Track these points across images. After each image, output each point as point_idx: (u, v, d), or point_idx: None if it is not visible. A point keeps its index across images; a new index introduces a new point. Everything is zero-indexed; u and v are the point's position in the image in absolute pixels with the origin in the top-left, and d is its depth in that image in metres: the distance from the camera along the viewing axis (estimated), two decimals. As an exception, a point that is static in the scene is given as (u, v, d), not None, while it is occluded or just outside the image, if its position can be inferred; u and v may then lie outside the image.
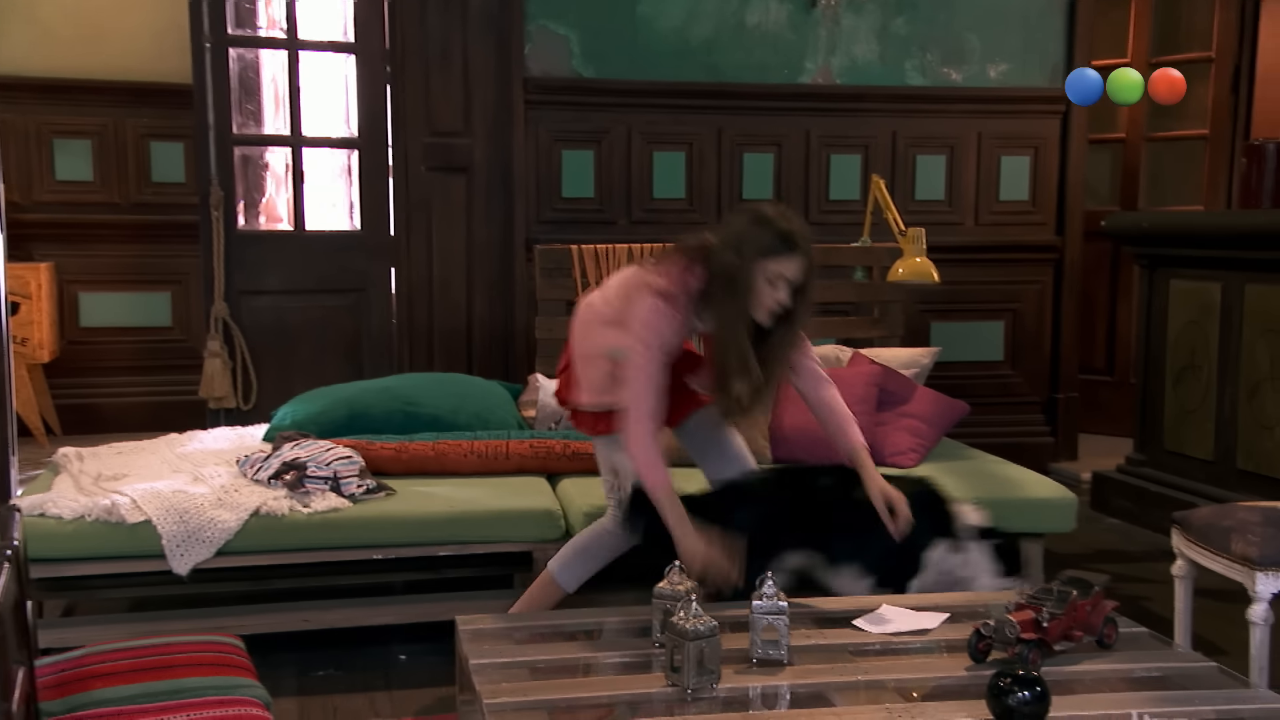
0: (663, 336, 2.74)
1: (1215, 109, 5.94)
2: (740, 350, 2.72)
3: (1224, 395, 4.32)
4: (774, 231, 2.67)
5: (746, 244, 2.68)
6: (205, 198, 4.80)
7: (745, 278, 2.67)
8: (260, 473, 3.27)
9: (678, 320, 2.75)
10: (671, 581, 2.48)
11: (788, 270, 2.68)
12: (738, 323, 2.71)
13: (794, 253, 2.67)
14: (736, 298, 2.68)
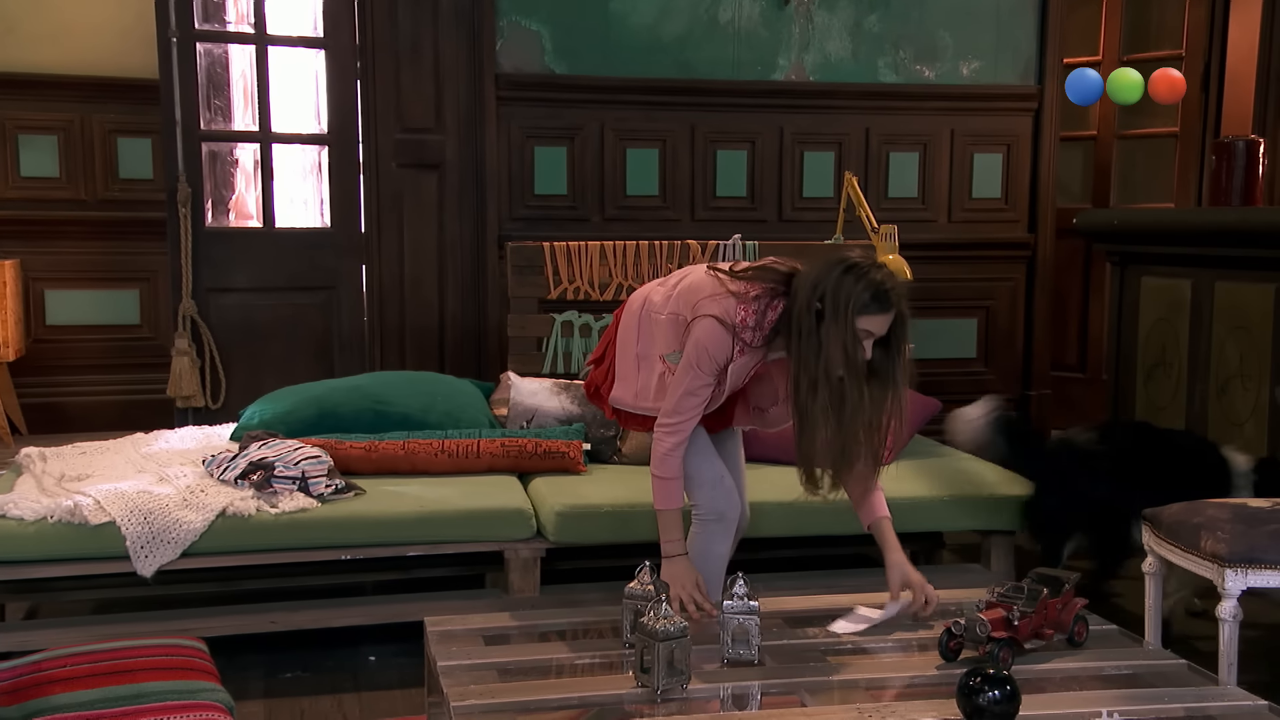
0: (716, 363, 2.63)
1: (1185, 107, 5.98)
2: (855, 404, 2.55)
3: (1194, 392, 4.34)
4: (867, 285, 2.50)
5: (843, 301, 2.49)
6: (172, 194, 4.74)
7: (849, 334, 2.49)
8: (227, 473, 3.24)
9: (738, 351, 2.62)
10: (642, 582, 2.46)
11: (875, 327, 2.54)
12: (843, 379, 2.53)
13: (885, 311, 2.52)
14: (845, 356, 2.50)
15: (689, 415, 2.69)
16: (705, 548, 2.86)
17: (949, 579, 3.57)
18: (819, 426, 2.57)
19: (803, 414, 2.59)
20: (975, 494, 3.57)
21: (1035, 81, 5.52)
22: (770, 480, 3.54)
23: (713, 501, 2.85)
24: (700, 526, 2.87)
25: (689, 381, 2.66)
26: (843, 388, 2.55)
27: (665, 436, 2.70)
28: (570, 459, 3.62)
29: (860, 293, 2.50)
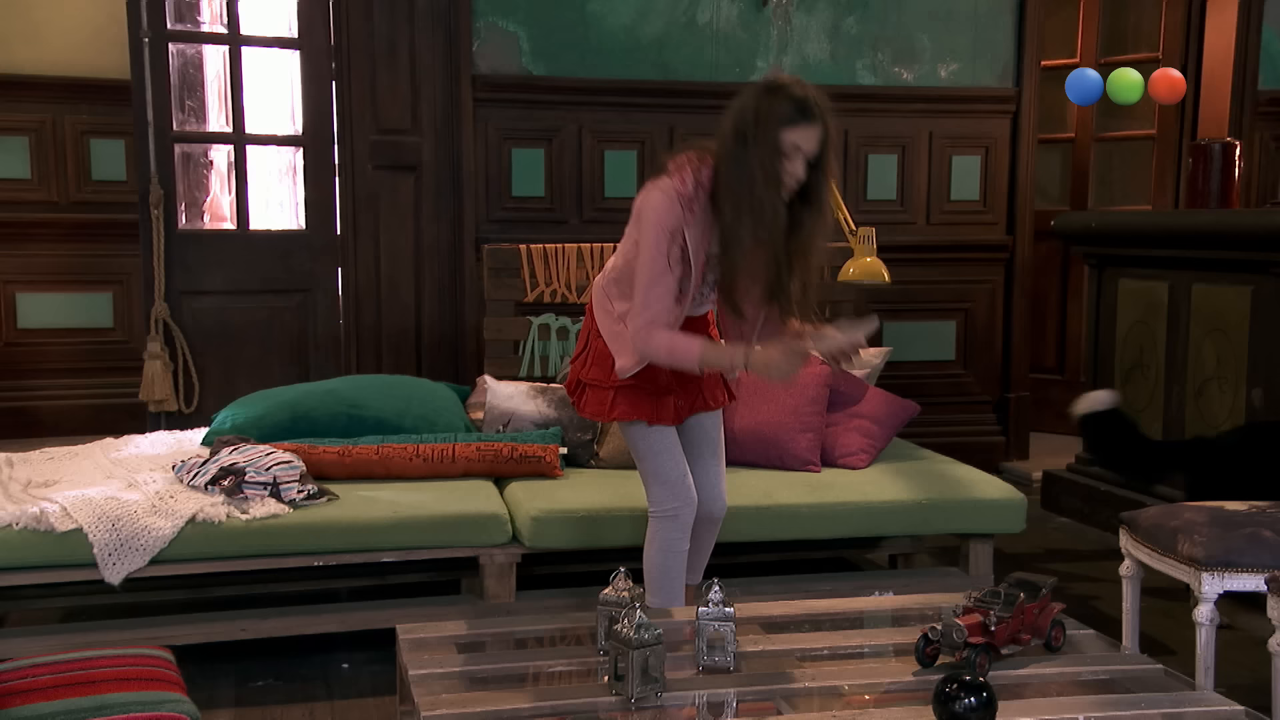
0: (668, 233, 2.56)
1: (1162, 110, 5.99)
2: (773, 220, 2.51)
3: (1171, 394, 4.34)
4: (789, 99, 2.50)
5: (760, 115, 2.49)
6: (144, 196, 4.69)
7: (762, 151, 2.48)
8: (197, 478, 3.19)
9: (691, 216, 2.57)
10: (616, 588, 2.44)
11: (804, 141, 2.51)
12: (765, 198, 2.50)
13: (811, 121, 2.50)
14: (756, 174, 2.48)
15: (661, 305, 2.61)
16: (663, 544, 2.84)
17: (927, 583, 3.59)
18: (746, 250, 2.56)
19: (729, 239, 2.56)
20: (954, 497, 3.56)
21: (1013, 84, 5.53)
22: (748, 484, 3.54)
23: (668, 499, 2.82)
24: (655, 524, 2.86)
25: (650, 268, 2.59)
26: (767, 208, 2.53)
27: (647, 335, 2.62)
28: (546, 463, 3.59)
29: (781, 106, 2.49)
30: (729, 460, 3.71)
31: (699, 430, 2.90)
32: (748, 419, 3.78)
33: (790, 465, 3.70)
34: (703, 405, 2.86)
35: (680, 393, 2.81)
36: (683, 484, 2.83)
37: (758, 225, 2.55)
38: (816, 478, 3.63)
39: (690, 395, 2.83)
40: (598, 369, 2.81)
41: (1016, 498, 3.57)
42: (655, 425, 2.78)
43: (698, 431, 2.90)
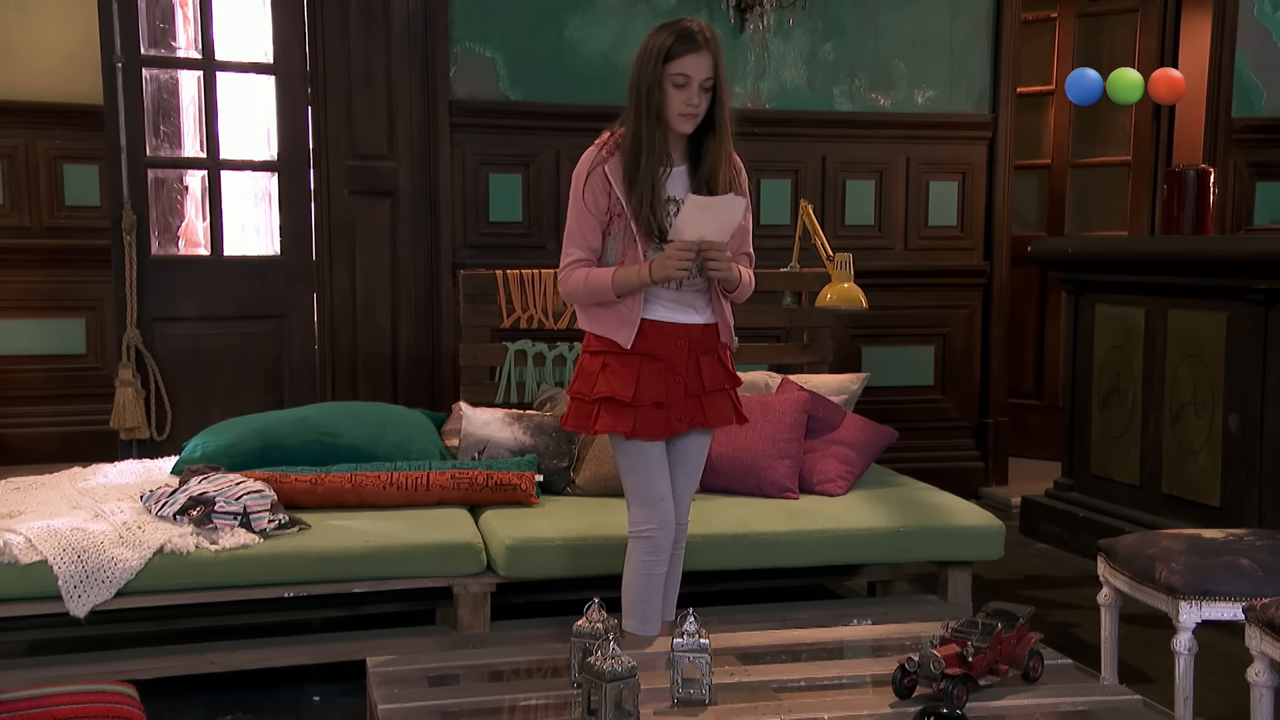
0: (588, 176, 2.72)
1: (1137, 136, 6.03)
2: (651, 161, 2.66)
3: (1149, 420, 4.34)
4: (672, 31, 2.65)
5: (646, 49, 2.67)
6: (117, 221, 4.65)
7: (651, 84, 2.63)
8: (165, 508, 3.14)
9: (614, 162, 2.70)
10: (590, 620, 2.40)
11: (691, 69, 2.63)
12: (653, 131, 2.65)
13: (695, 50, 2.63)
14: (648, 107, 2.64)
15: (578, 247, 2.75)
16: (638, 566, 2.83)
17: (906, 611, 3.56)
18: (644, 181, 2.67)
19: (629, 172, 2.69)
20: (932, 524, 3.54)
21: (989, 110, 5.56)
22: (725, 511, 3.52)
23: (643, 520, 2.82)
24: (631, 544, 2.85)
25: (569, 217, 2.78)
26: (645, 138, 2.66)
27: (567, 277, 2.76)
28: (522, 491, 3.56)
29: (665, 38, 2.65)
30: (705, 487, 3.72)
31: (681, 452, 2.88)
32: (724, 446, 3.75)
33: (768, 492, 3.68)
34: (702, 421, 2.82)
35: (674, 407, 2.77)
36: (660, 506, 2.81)
37: (649, 157, 2.67)
38: (794, 505, 3.61)
39: (689, 411, 2.80)
40: (581, 381, 2.81)
41: (995, 525, 3.55)
42: (637, 440, 2.77)
43: (677, 451, 2.87)
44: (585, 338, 2.85)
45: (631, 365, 2.75)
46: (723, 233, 2.66)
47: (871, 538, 3.48)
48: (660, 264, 2.66)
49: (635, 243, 2.72)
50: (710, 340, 2.83)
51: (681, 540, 2.95)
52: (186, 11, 4.85)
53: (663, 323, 2.77)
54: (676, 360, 2.77)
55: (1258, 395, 3.84)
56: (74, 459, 4.38)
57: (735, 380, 2.88)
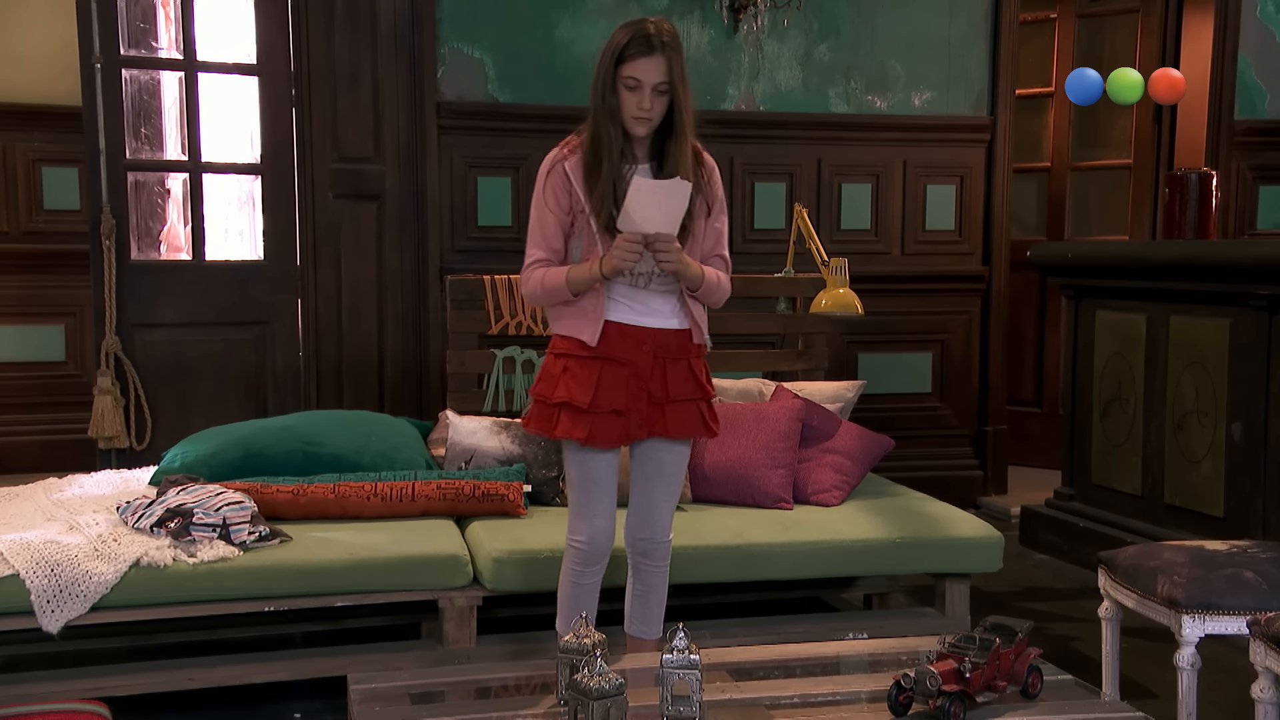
0: (548, 177, 2.72)
1: (1138, 139, 6.03)
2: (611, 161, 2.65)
3: (1150, 429, 4.33)
4: (629, 32, 2.64)
5: (603, 51, 2.67)
6: (96, 225, 4.61)
7: (605, 86, 2.64)
8: (142, 520, 3.11)
9: (575, 161, 2.70)
10: (578, 635, 2.38)
11: (643, 73, 2.62)
12: (611, 132, 2.65)
13: (648, 53, 2.61)
14: (605, 108, 2.64)
15: (539, 247, 2.76)
16: (567, 572, 2.87)
17: (902, 624, 3.54)
18: (602, 182, 2.67)
19: (589, 174, 2.68)
20: (929, 536, 3.52)
21: (988, 112, 5.55)
22: (718, 522, 3.50)
23: (576, 530, 2.84)
24: (566, 551, 2.87)
25: (534, 217, 2.78)
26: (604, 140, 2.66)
27: (527, 277, 2.77)
28: (510, 501, 3.53)
29: (620, 38, 2.64)
30: (698, 497, 3.70)
31: (655, 461, 2.84)
32: (718, 455, 3.73)
33: (761, 503, 3.66)
34: (663, 430, 2.79)
35: (634, 414, 2.75)
36: (593, 523, 2.82)
37: (608, 158, 2.66)
38: (788, 515, 3.59)
39: (650, 419, 2.77)
40: (543, 383, 2.80)
41: (993, 536, 3.53)
42: (588, 450, 2.76)
43: (654, 463, 2.85)
44: (551, 338, 2.85)
45: (592, 370, 2.73)
46: (671, 221, 2.64)
47: (867, 549, 3.46)
48: (609, 256, 2.65)
49: (597, 242, 2.71)
50: (681, 347, 2.80)
51: (664, 557, 2.91)
52: (168, 11, 4.82)
53: (627, 325, 2.75)
54: (640, 365, 2.75)
55: (1261, 403, 3.82)
56: (53, 468, 4.35)
57: (707, 393, 2.85)
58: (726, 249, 2.88)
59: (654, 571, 2.90)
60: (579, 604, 2.86)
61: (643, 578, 2.91)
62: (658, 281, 2.75)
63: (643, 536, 2.87)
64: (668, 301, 2.78)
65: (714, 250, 2.85)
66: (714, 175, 2.82)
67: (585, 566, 2.85)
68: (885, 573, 3.62)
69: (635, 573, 2.92)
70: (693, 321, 2.81)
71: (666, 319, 2.79)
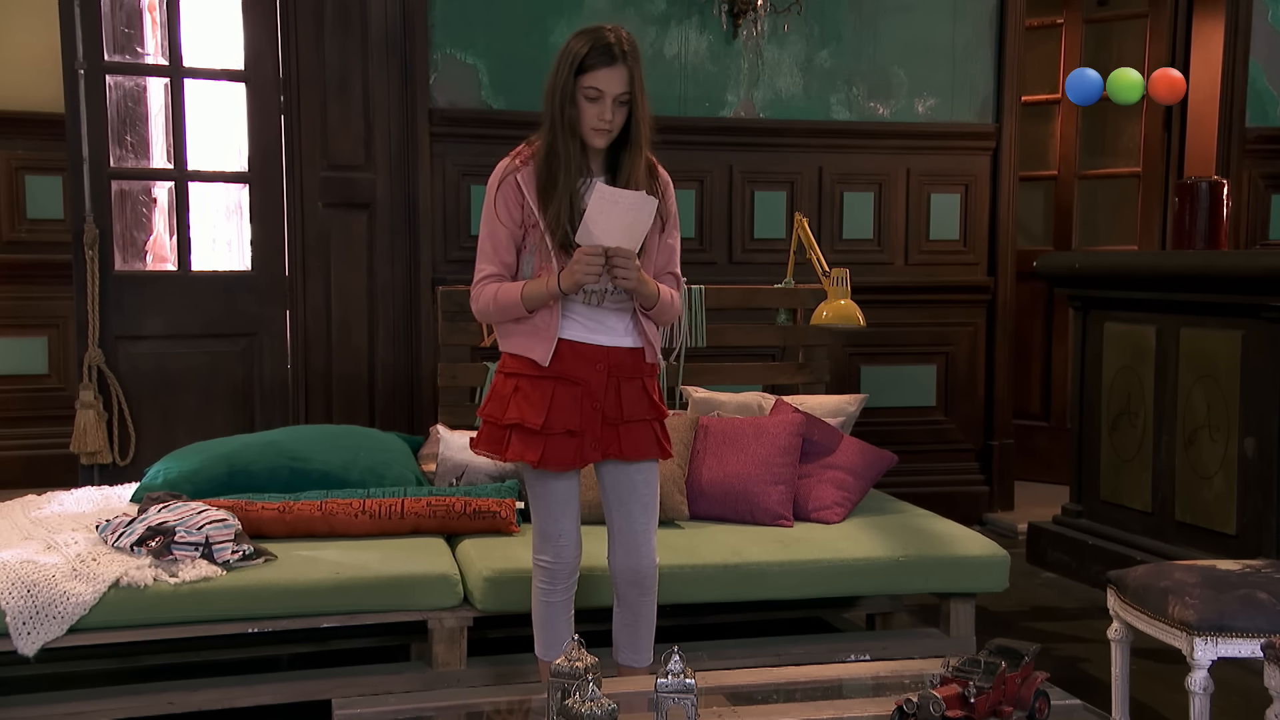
0: (500, 188, 2.68)
1: (1147, 147, 6.01)
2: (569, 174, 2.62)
3: (1160, 444, 4.30)
4: (588, 40, 2.60)
5: (561, 59, 2.63)
6: (78, 235, 4.59)
7: (564, 96, 2.60)
8: (122, 539, 3.08)
9: (528, 172, 2.67)
10: (570, 658, 2.35)
11: (604, 83, 2.59)
12: (569, 144, 2.62)
13: (610, 63, 2.58)
14: (563, 119, 2.60)
15: (490, 262, 2.72)
16: (536, 592, 2.87)
17: (906, 645, 3.51)
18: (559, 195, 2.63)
19: (543, 186, 2.65)
20: (933, 554, 3.49)
21: (993, 119, 5.53)
22: (716, 540, 3.47)
23: (540, 550, 2.84)
24: (535, 574, 2.87)
25: (481, 231, 2.74)
26: (561, 152, 2.63)
27: (478, 294, 2.73)
28: (502, 519, 3.51)
29: (580, 47, 2.60)
30: (695, 514, 3.68)
31: (627, 484, 2.81)
32: (715, 471, 3.70)
33: (760, 520, 3.64)
34: (617, 452, 2.75)
35: (589, 435, 2.73)
36: (558, 543, 2.81)
37: (565, 171, 2.63)
38: (788, 533, 3.56)
39: (605, 440, 2.74)
40: (493, 404, 2.77)
41: (999, 555, 3.50)
42: (543, 471, 2.74)
43: (626, 486, 2.81)
44: (500, 357, 2.81)
45: (545, 390, 2.70)
46: (632, 236, 2.62)
47: (870, 568, 3.43)
48: (567, 271, 2.62)
49: (551, 257, 2.68)
50: (634, 366, 2.77)
51: (653, 584, 2.86)
52: (154, 16, 4.81)
53: (580, 344, 2.72)
54: (594, 385, 2.72)
55: (1275, 417, 3.80)
56: (35, 484, 4.33)
57: (660, 412, 2.82)
58: (679, 266, 2.86)
59: (643, 601, 2.86)
60: (554, 624, 2.86)
61: (630, 607, 2.87)
62: (612, 299, 2.73)
63: (630, 567, 2.83)
64: (621, 319, 2.76)
65: (666, 267, 2.82)
66: (668, 190, 2.80)
67: (554, 584, 2.84)
68: (888, 592, 3.59)
69: (622, 602, 2.88)
70: (646, 340, 2.78)
71: (620, 337, 2.76)
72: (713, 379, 4.33)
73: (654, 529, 2.85)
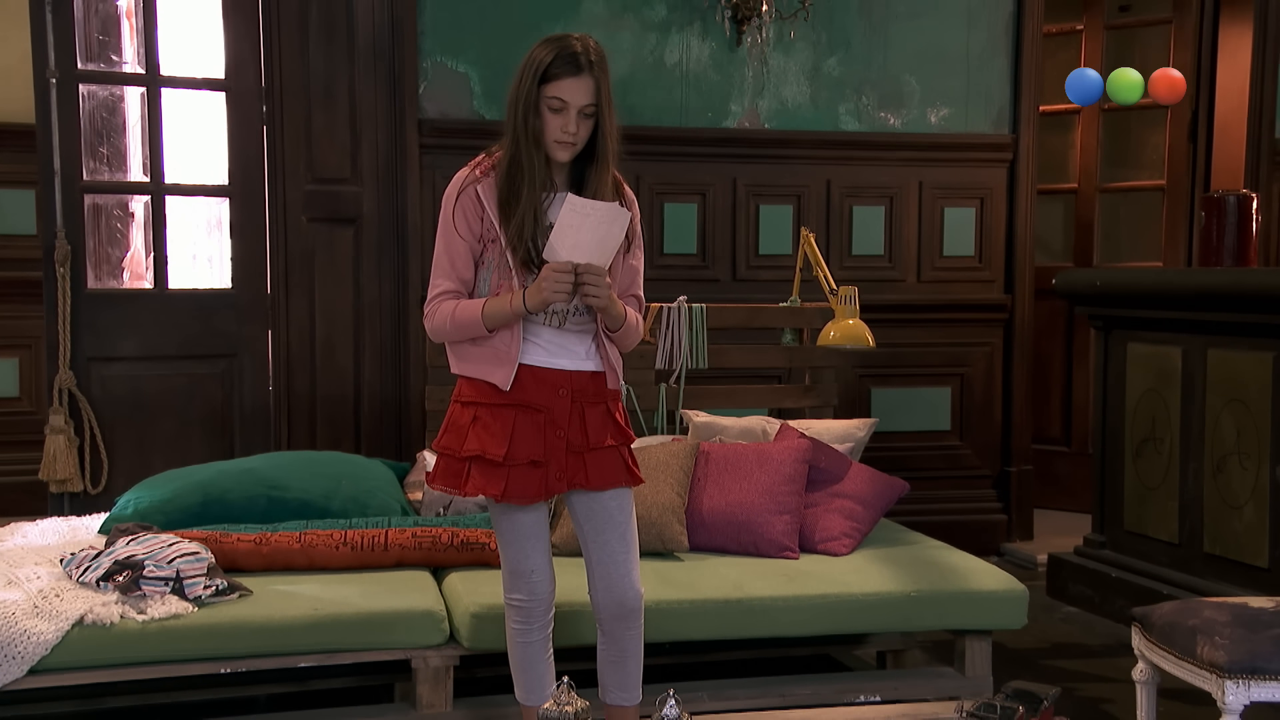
0: (457, 199, 2.65)
1: (1172, 158, 5.98)
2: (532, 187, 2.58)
3: (1187, 471, 4.25)
4: (553, 49, 2.57)
5: (524, 68, 2.60)
6: (49, 252, 4.56)
7: (527, 106, 2.57)
8: (88, 574, 3.04)
9: (488, 184, 2.64)
10: (559, 701, 2.31)
11: (569, 94, 2.56)
12: (533, 156, 2.58)
13: (575, 73, 2.55)
14: (526, 130, 2.57)
15: (446, 278, 2.68)
16: (510, 634, 2.84)
17: (919, 685, 3.47)
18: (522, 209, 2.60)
19: (504, 198, 2.62)
20: (946, 589, 3.44)
21: (1010, 130, 5.51)
22: (716, 573, 3.43)
23: (511, 588, 2.81)
24: (508, 614, 2.84)
25: (440, 244, 2.69)
26: (525, 164, 2.60)
27: (433, 312, 2.68)
28: (491, 550, 3.46)
29: (545, 56, 2.57)
30: (694, 546, 3.64)
31: (602, 513, 2.75)
32: (716, 500, 3.66)
33: (764, 552, 3.59)
34: (584, 482, 2.71)
35: (554, 465, 2.68)
36: (530, 579, 2.78)
37: (529, 185, 2.60)
38: (794, 566, 3.52)
39: (570, 469, 2.70)
40: (450, 435, 2.73)
41: (1017, 590, 3.45)
42: (509, 505, 2.71)
43: (601, 516, 2.75)
44: (456, 384, 2.76)
45: (505, 419, 2.66)
46: (603, 252, 2.58)
47: (880, 603, 3.38)
48: (535, 289, 2.58)
49: (511, 273, 2.64)
50: (598, 390, 2.73)
51: (638, 618, 2.80)
52: (132, 23, 4.79)
53: (541, 368, 2.68)
54: (557, 412, 2.68)
55: (1308, 444, 3.75)
56: (7, 512, 4.28)
57: (627, 437, 2.78)
58: (641, 288, 2.83)
59: (629, 634, 2.80)
60: (534, 665, 2.82)
61: (616, 641, 2.81)
62: (574, 320, 2.69)
63: (614, 600, 2.77)
64: (583, 342, 2.72)
65: (629, 289, 2.79)
66: (633, 207, 2.76)
67: (530, 623, 2.80)
68: (899, 629, 3.54)
69: (607, 637, 2.82)
70: (609, 365, 2.75)
71: (582, 361, 2.72)
72: (714, 402, 4.29)
73: (635, 557, 2.79)
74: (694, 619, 3.26)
